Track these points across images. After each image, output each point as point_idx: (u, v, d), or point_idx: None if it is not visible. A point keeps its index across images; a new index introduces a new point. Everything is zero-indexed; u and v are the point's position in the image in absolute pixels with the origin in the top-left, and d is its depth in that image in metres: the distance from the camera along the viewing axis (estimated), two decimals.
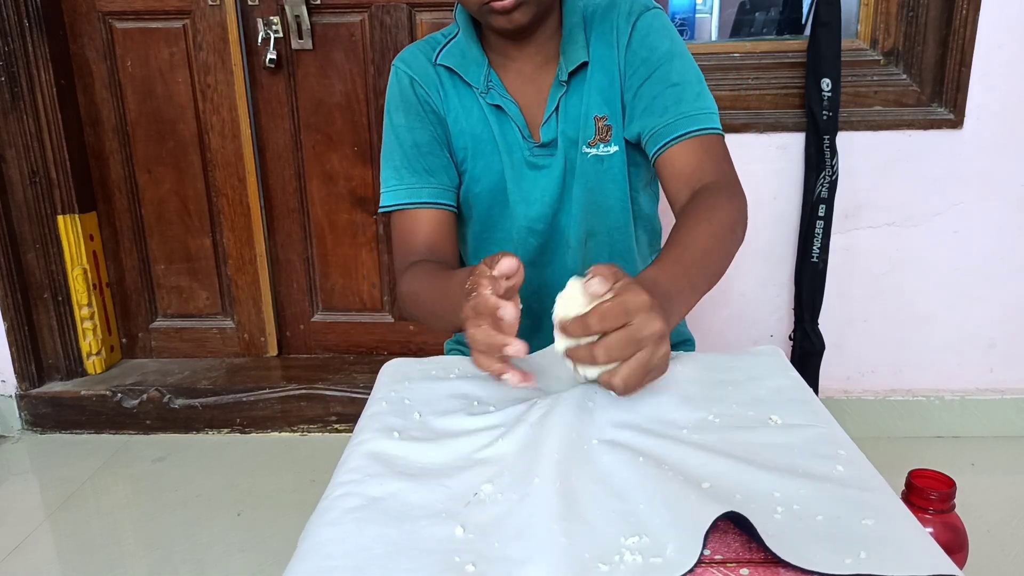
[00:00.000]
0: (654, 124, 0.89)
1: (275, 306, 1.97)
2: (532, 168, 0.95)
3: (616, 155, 0.95)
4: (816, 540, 0.48)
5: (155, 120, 1.84)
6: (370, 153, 1.84)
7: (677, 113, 0.87)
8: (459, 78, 0.94)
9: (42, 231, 1.82)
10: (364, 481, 0.57)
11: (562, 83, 0.92)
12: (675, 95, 0.88)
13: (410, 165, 0.93)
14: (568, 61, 0.91)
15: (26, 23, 1.70)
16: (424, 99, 0.95)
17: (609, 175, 0.95)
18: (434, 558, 0.48)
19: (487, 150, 0.95)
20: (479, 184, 0.97)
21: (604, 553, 0.48)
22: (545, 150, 0.94)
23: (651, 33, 0.91)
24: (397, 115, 0.95)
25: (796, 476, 0.55)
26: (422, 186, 0.93)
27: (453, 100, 0.95)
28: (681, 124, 0.87)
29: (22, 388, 1.87)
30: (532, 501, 0.53)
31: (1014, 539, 1.38)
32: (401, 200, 0.94)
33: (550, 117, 0.93)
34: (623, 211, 0.98)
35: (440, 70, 0.95)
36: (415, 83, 0.95)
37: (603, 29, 0.93)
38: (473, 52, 0.93)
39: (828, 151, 1.58)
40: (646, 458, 0.57)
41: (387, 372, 0.78)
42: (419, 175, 0.93)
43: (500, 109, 0.93)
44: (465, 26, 0.94)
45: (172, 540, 1.44)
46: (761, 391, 0.70)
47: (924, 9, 1.58)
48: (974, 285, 1.70)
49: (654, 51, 0.90)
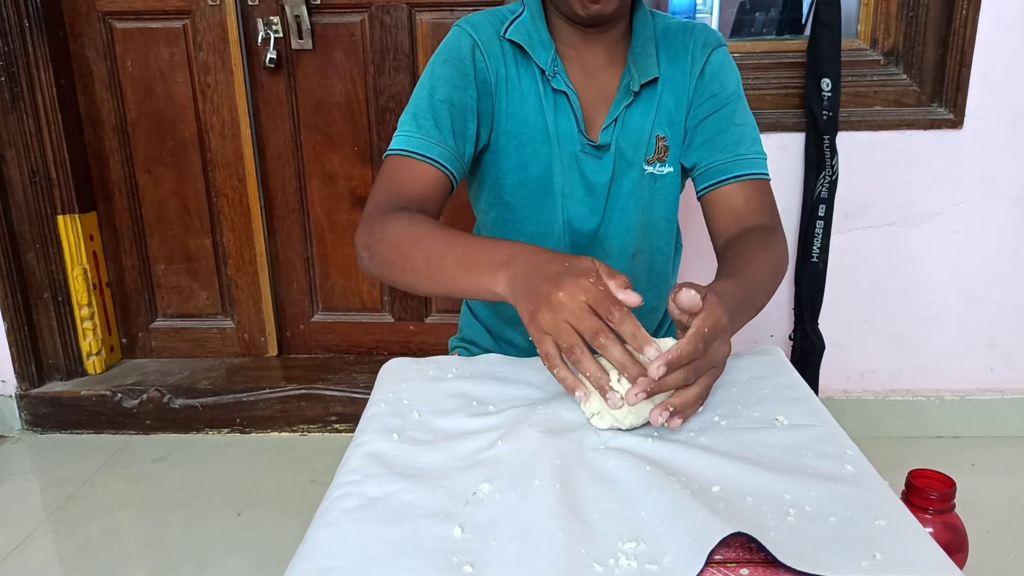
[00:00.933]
0: (713, 159, 0.92)
1: (275, 306, 1.97)
2: (581, 164, 0.93)
3: (670, 176, 0.95)
4: (830, 543, 0.47)
5: (155, 120, 1.84)
6: (370, 153, 1.84)
7: (736, 153, 0.91)
8: (524, 57, 0.91)
9: (42, 231, 1.82)
10: (363, 482, 0.57)
11: (632, 93, 0.91)
12: (737, 135, 0.92)
13: (435, 118, 0.87)
14: (641, 73, 0.91)
15: (26, 23, 1.70)
16: (481, 68, 0.90)
17: (661, 195, 0.96)
18: (433, 558, 0.48)
19: (538, 139, 0.92)
20: (525, 172, 0.94)
21: (600, 554, 0.48)
22: (597, 152, 0.93)
23: (723, 69, 0.94)
24: (444, 68, 0.90)
25: (806, 477, 0.55)
26: (438, 143, 0.87)
27: (514, 81, 0.92)
28: (740, 165, 0.91)
29: (22, 388, 1.87)
30: (531, 502, 0.53)
31: (1014, 539, 1.38)
32: (413, 147, 0.86)
33: (611, 124, 0.92)
34: (669, 231, 1.00)
35: (507, 45, 0.91)
36: (478, 48, 0.90)
37: (676, 52, 0.93)
38: (541, 34, 0.91)
39: (828, 151, 1.58)
40: (653, 466, 0.57)
41: (386, 373, 0.78)
42: (441, 132, 0.87)
43: (563, 95, 0.91)
44: (535, 8, 0.92)
45: (172, 540, 1.44)
46: (765, 391, 0.70)
47: (924, 9, 1.58)
48: (974, 285, 1.70)
49: (724, 88, 0.93)
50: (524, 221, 0.96)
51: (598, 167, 0.93)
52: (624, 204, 0.95)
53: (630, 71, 0.91)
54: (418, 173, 0.86)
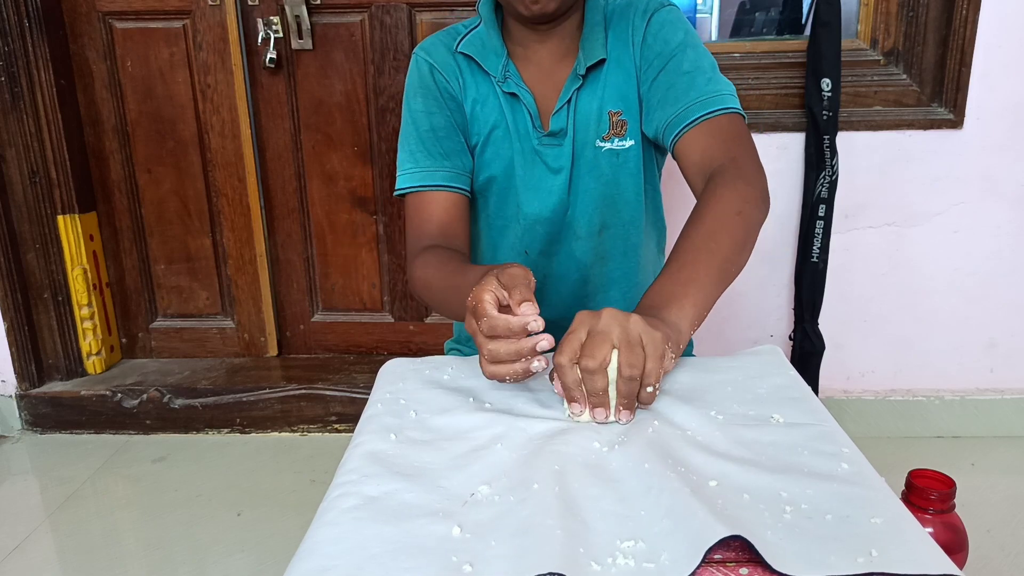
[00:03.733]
0: (668, 114, 0.89)
1: (275, 306, 1.97)
2: (540, 157, 0.97)
3: (632, 149, 0.96)
4: (825, 541, 0.48)
5: (155, 120, 1.84)
6: (370, 153, 1.84)
7: (688, 100, 0.87)
8: (478, 67, 0.96)
9: (42, 231, 1.82)
10: (361, 481, 0.57)
11: (579, 76, 0.93)
12: (687, 82, 0.88)
13: (426, 149, 0.95)
14: (587, 56, 0.93)
15: (26, 23, 1.70)
16: (443, 86, 0.97)
17: (625, 169, 0.97)
18: (432, 557, 0.48)
19: (499, 137, 0.97)
20: (490, 170, 0.99)
21: (598, 553, 0.48)
22: (553, 139, 0.96)
23: (664, 27, 0.93)
24: (415, 100, 0.97)
25: (802, 475, 0.55)
26: (436, 169, 0.94)
27: (471, 88, 0.97)
28: (693, 110, 0.87)
29: (22, 388, 1.87)
30: (530, 503, 0.53)
31: (1014, 539, 1.38)
32: (416, 183, 0.95)
33: (561, 108, 0.94)
34: (637, 204, 1.00)
35: (460, 58, 0.97)
36: (435, 70, 0.97)
37: (621, 28, 0.95)
38: (493, 42, 0.95)
39: (828, 151, 1.58)
40: (652, 464, 0.57)
41: (384, 374, 0.78)
42: (434, 158, 0.95)
43: (515, 97, 0.95)
44: (488, 17, 0.97)
45: (172, 540, 1.44)
46: (761, 390, 0.70)
47: (924, 9, 1.58)
48: (974, 285, 1.70)
49: (667, 44, 0.92)
50: (493, 215, 1.02)
51: (559, 153, 0.96)
52: (586, 184, 0.98)
53: (579, 57, 0.94)
54: (432, 204, 0.94)
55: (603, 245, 1.01)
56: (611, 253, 1.02)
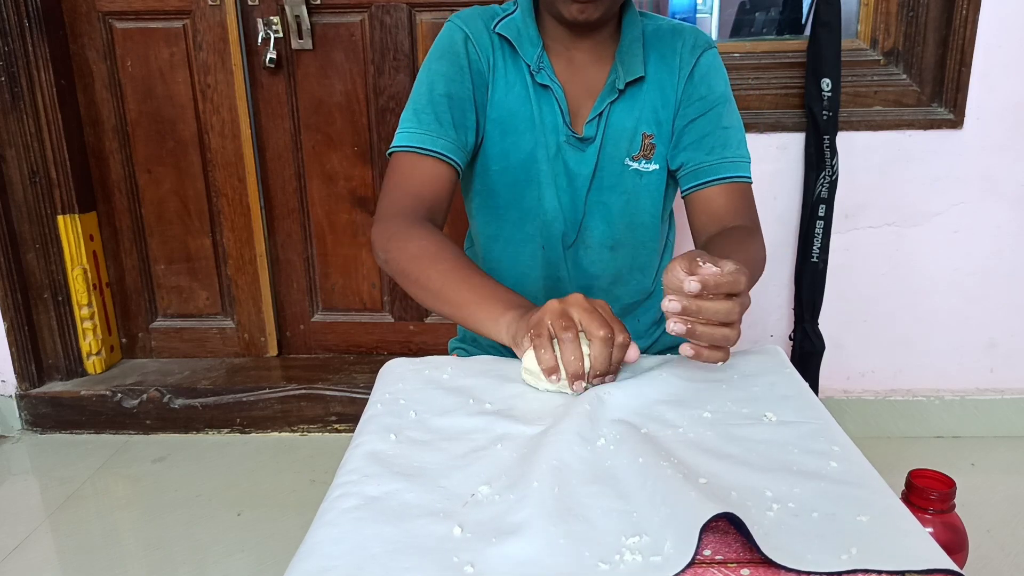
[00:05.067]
0: (699, 160, 0.95)
1: (275, 306, 1.97)
2: (564, 154, 0.96)
3: (655, 173, 0.98)
4: (810, 538, 0.48)
5: (155, 120, 1.84)
6: (370, 153, 1.84)
7: (722, 156, 0.94)
8: (512, 50, 0.95)
9: (42, 231, 1.82)
10: (362, 482, 0.57)
11: (616, 90, 0.94)
12: (723, 138, 0.95)
13: (435, 112, 0.91)
14: (626, 71, 0.94)
15: (26, 23, 1.70)
16: (474, 59, 0.94)
17: (647, 191, 0.98)
18: (433, 557, 0.48)
19: (521, 128, 0.95)
20: (506, 160, 0.97)
21: (605, 552, 0.48)
22: (581, 144, 0.96)
23: (712, 72, 0.96)
24: (439, 63, 0.94)
25: (790, 473, 0.56)
26: (441, 136, 0.91)
27: (501, 71, 0.95)
28: (725, 167, 0.94)
29: (22, 388, 1.87)
30: (530, 503, 0.53)
31: (1014, 539, 1.38)
32: (416, 143, 0.90)
33: (595, 118, 0.95)
34: (653, 226, 1.01)
35: (496, 39, 0.96)
36: (469, 41, 0.94)
37: (664, 52, 0.96)
38: (530, 31, 0.94)
39: (828, 151, 1.58)
40: (645, 458, 0.57)
41: (384, 374, 0.78)
42: (443, 125, 0.91)
43: (546, 89, 0.94)
44: (526, 7, 0.96)
45: (172, 540, 1.44)
46: (755, 388, 0.70)
47: (924, 9, 1.58)
48: (974, 285, 1.70)
49: (712, 90, 0.95)
50: (507, 207, 1.00)
51: (581, 159, 0.96)
52: (605, 197, 0.98)
53: (616, 69, 0.94)
54: (426, 169, 0.90)
55: (615, 262, 1.02)
56: (621, 271, 1.02)
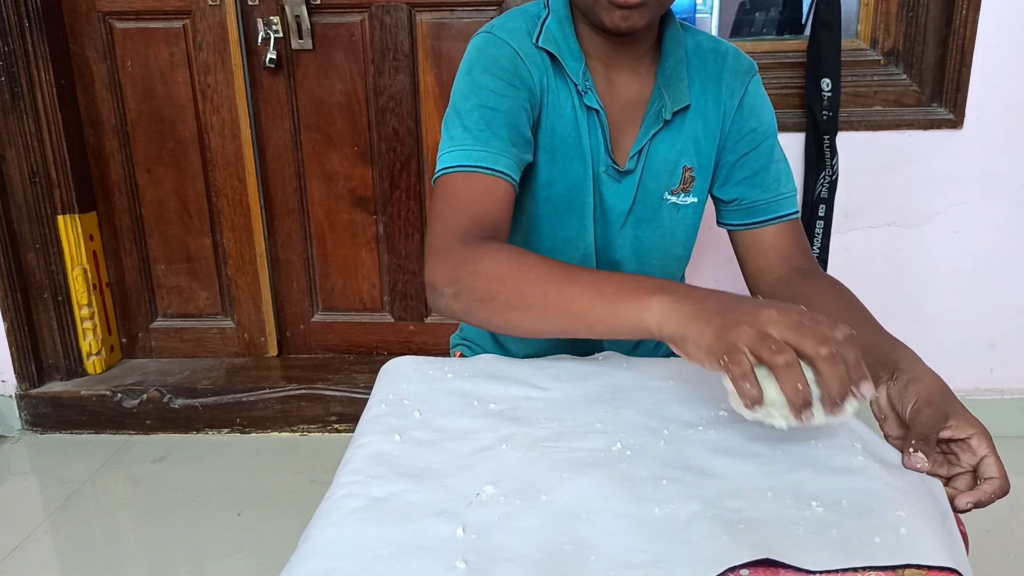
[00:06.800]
0: (756, 197, 0.91)
1: (275, 306, 1.97)
2: (602, 185, 0.89)
3: (693, 207, 0.93)
4: (852, 535, 0.48)
5: (155, 120, 1.84)
6: (370, 153, 1.84)
7: (778, 192, 0.91)
8: (558, 67, 0.85)
9: (42, 231, 1.82)
10: (367, 482, 0.56)
11: (663, 120, 0.87)
12: (776, 174, 0.92)
13: (491, 127, 0.79)
14: (673, 100, 0.87)
15: (26, 23, 1.70)
16: (527, 79, 0.83)
17: (683, 225, 0.94)
18: (436, 558, 0.48)
19: (571, 154, 0.87)
20: (552, 188, 0.89)
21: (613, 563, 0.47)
22: (619, 176, 0.89)
23: (760, 102, 0.92)
24: (485, 76, 0.82)
25: (822, 469, 0.56)
26: (502, 153, 0.78)
27: (553, 93, 0.85)
28: (781, 204, 0.92)
29: (22, 388, 1.87)
30: (538, 512, 0.52)
31: (1014, 539, 1.38)
32: (471, 161, 0.77)
33: (637, 152, 0.88)
34: (684, 259, 0.98)
35: (542, 54, 0.85)
36: (519, 59, 0.83)
37: (707, 76, 0.89)
38: (571, 44, 0.85)
39: (828, 151, 1.58)
40: (670, 481, 0.55)
41: (385, 374, 0.78)
42: (502, 141, 0.78)
43: (593, 113, 0.86)
44: (564, 14, 0.86)
45: (172, 540, 1.44)
46: None
47: (924, 9, 1.58)
48: (974, 285, 1.70)
49: (761, 122, 0.92)
50: (543, 235, 0.91)
51: (617, 191, 0.90)
52: (641, 232, 0.92)
53: (661, 96, 0.87)
54: (488, 190, 0.77)
55: None
56: None
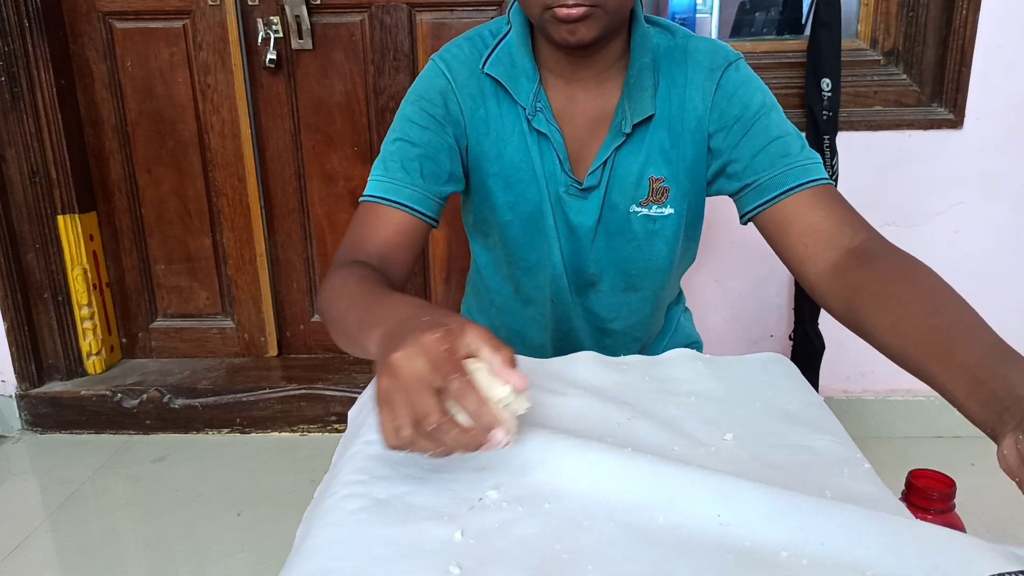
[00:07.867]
0: (761, 175, 0.81)
1: (275, 306, 1.97)
2: (564, 205, 0.88)
3: (671, 218, 0.88)
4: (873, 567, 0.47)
5: (155, 120, 1.84)
6: (370, 153, 1.84)
7: (785, 164, 0.79)
8: (505, 93, 0.85)
9: (42, 231, 1.82)
10: (371, 483, 0.56)
11: (622, 133, 0.83)
12: (780, 148, 0.81)
13: (402, 161, 0.84)
14: (634, 111, 0.83)
15: (26, 23, 1.70)
16: (454, 112, 0.86)
17: (662, 237, 0.89)
18: (432, 562, 0.48)
19: (525, 178, 0.87)
20: (514, 212, 0.89)
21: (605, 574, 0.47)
22: (582, 193, 0.87)
23: (739, 88, 0.84)
24: (411, 108, 0.86)
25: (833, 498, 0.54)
26: (407, 186, 0.83)
27: (495, 120, 0.86)
28: (794, 175, 0.79)
29: (22, 388, 1.87)
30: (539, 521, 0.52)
31: (1014, 539, 1.37)
32: (380, 192, 0.83)
33: (599, 167, 0.85)
34: (668, 272, 0.94)
35: (485, 81, 0.85)
36: (450, 91, 0.85)
37: (673, 80, 0.85)
38: (524, 63, 0.84)
39: (828, 151, 1.58)
40: (680, 499, 0.54)
41: None
42: (410, 174, 0.83)
43: (544, 136, 0.85)
44: (520, 30, 0.85)
45: (172, 540, 1.44)
46: (776, 403, 0.70)
47: (924, 9, 1.58)
48: (974, 285, 1.68)
49: (747, 107, 0.83)
50: (515, 256, 0.93)
51: (581, 208, 0.88)
52: (614, 244, 0.90)
53: (623, 107, 0.83)
54: (385, 219, 0.83)
55: (630, 302, 0.95)
56: (639, 308, 0.96)
